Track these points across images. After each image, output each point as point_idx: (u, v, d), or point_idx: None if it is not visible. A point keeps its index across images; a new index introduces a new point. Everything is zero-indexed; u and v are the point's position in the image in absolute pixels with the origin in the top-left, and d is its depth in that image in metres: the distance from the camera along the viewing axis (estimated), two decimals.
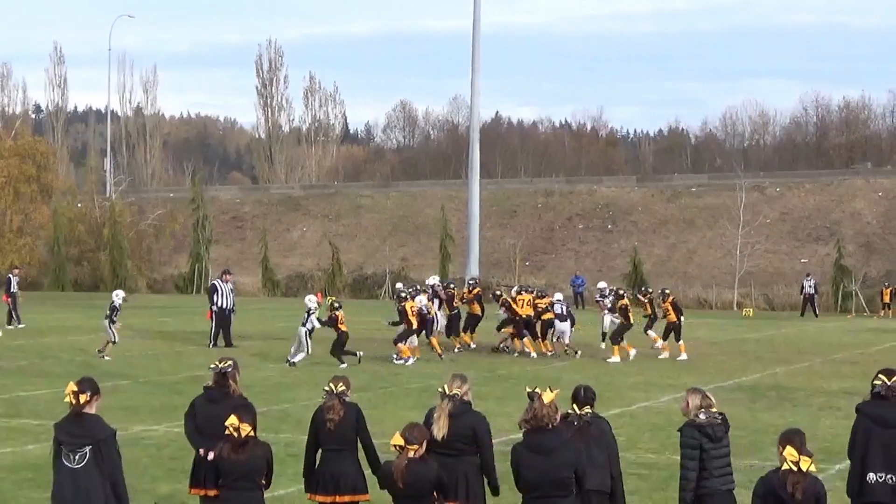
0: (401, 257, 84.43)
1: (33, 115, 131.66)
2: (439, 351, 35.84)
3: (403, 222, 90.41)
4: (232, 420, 11.18)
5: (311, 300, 34.94)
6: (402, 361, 34.39)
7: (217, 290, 39.66)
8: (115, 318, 35.74)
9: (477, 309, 39.74)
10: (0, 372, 31.65)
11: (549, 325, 37.25)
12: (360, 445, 12.61)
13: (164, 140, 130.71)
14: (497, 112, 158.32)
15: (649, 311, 38.50)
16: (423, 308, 35.55)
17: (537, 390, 10.83)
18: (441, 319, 38.72)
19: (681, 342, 37.29)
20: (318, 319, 34.26)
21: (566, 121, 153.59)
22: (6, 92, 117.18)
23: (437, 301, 39.18)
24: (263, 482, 11.38)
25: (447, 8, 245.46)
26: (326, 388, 12.62)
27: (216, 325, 39.25)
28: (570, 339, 37.57)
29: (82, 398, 11.09)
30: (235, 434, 11.11)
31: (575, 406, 11.73)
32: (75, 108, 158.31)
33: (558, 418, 10.97)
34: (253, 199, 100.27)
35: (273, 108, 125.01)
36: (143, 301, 67.52)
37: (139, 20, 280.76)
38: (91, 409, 11.13)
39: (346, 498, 12.57)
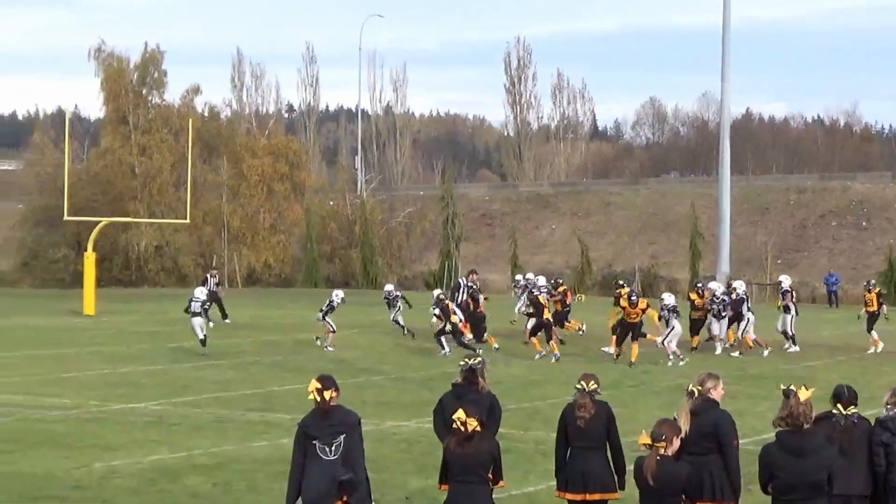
0: (650, 255, 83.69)
1: (286, 115, 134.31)
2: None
3: (653, 220, 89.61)
4: (459, 414, 11.14)
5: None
6: (538, 355, 34.54)
7: (459, 289, 40.28)
8: (327, 315, 36.58)
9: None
10: (256, 367, 32.36)
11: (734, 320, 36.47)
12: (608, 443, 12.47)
13: (413, 138, 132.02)
14: (748, 108, 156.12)
15: (874, 306, 37.46)
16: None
17: (792, 388, 10.48)
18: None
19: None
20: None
21: (819, 116, 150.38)
22: (259, 92, 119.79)
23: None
24: (490, 476, 11.30)
25: (696, 3, 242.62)
26: (578, 387, 12.49)
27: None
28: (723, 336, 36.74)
29: (327, 394, 11.22)
30: (462, 428, 11.06)
31: (839, 406, 11.39)
32: (327, 107, 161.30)
33: (812, 417, 10.62)
34: (502, 197, 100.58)
35: (521, 105, 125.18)
36: None
37: (389, 19, 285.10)
38: (334, 403, 11.27)
39: (597, 496, 12.44)
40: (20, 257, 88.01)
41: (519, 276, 45.25)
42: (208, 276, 50.03)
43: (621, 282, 41.07)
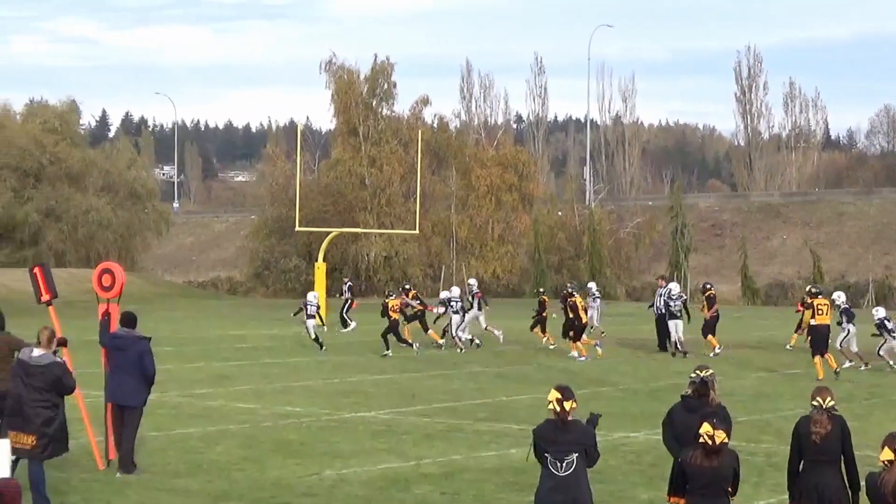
0: (884, 265, 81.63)
1: (514, 125, 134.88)
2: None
3: (887, 230, 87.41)
4: (706, 427, 10.93)
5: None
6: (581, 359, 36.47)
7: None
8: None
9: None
10: (485, 377, 32.43)
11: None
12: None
13: (642, 148, 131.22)
14: None
15: None
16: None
17: None
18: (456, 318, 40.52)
19: None
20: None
21: None
22: (488, 102, 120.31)
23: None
24: (730, 489, 11.10)
25: None
26: (815, 403, 12.14)
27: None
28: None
29: (567, 405, 11.10)
30: (710, 441, 10.85)
31: None
32: (555, 117, 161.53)
33: None
34: (732, 207, 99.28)
35: (752, 114, 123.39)
36: (621, 309, 67.97)
37: (617, 29, 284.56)
38: (572, 416, 11.13)
39: None
40: (253, 267, 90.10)
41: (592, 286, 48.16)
42: (343, 285, 52.60)
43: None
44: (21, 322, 22.67)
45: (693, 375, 13.03)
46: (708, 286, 40.78)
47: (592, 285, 48.01)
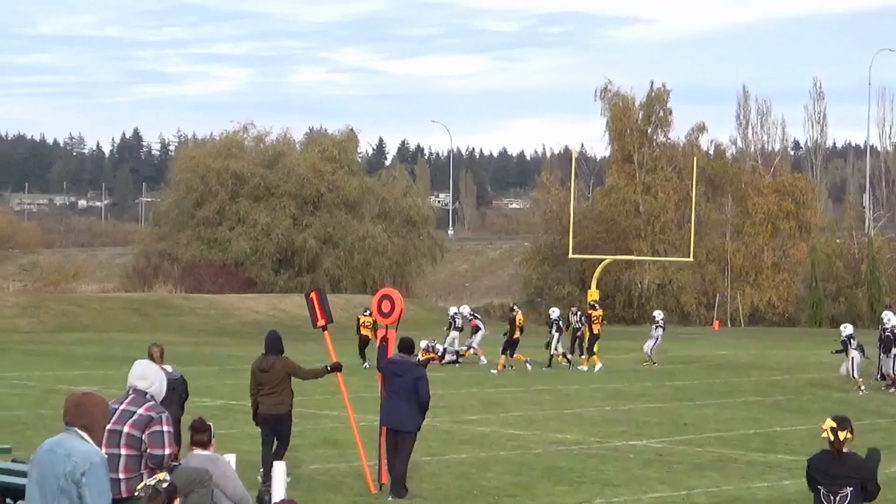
0: None
1: (792, 152, 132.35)
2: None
3: None
4: None
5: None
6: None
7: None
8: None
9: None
10: (758, 407, 31.91)
11: None
12: None
13: None
14: None
15: None
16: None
17: None
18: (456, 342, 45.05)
19: None
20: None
21: None
22: (765, 129, 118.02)
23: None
24: None
25: None
26: None
27: None
28: None
29: (841, 435, 10.84)
30: None
31: None
32: (834, 143, 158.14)
33: None
34: None
35: None
36: None
37: None
38: (847, 447, 10.85)
39: None
40: (526, 294, 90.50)
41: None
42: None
43: None
44: (298, 347, 23.20)
45: None
46: None
47: (658, 313, 47.22)
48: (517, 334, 41.78)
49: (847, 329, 36.57)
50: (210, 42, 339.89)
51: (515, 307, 45.11)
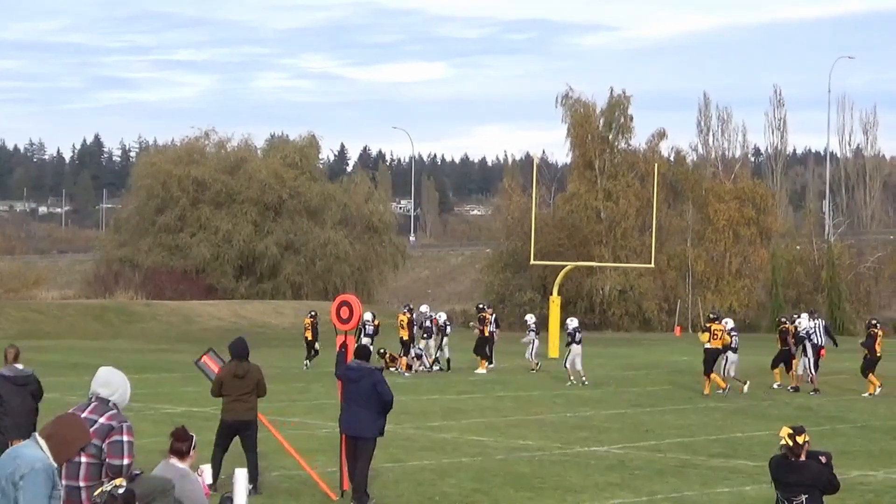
0: None
1: (752, 159, 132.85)
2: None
3: None
4: None
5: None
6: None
7: None
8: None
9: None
10: (719, 412, 32.04)
11: None
12: None
13: (883, 181, 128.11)
14: None
15: None
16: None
17: None
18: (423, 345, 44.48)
19: None
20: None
21: None
22: (726, 136, 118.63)
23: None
24: None
25: None
26: None
27: None
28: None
29: (799, 439, 10.95)
30: None
31: None
32: (794, 150, 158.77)
33: None
34: None
35: None
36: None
37: (859, 61, 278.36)
38: (805, 452, 10.94)
39: None
40: (488, 300, 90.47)
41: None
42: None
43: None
44: (261, 353, 23.21)
45: None
46: None
47: (530, 317, 47.67)
48: (486, 332, 42.95)
49: (802, 320, 37.44)
50: (172, 48, 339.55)
51: (484, 306, 45.23)
